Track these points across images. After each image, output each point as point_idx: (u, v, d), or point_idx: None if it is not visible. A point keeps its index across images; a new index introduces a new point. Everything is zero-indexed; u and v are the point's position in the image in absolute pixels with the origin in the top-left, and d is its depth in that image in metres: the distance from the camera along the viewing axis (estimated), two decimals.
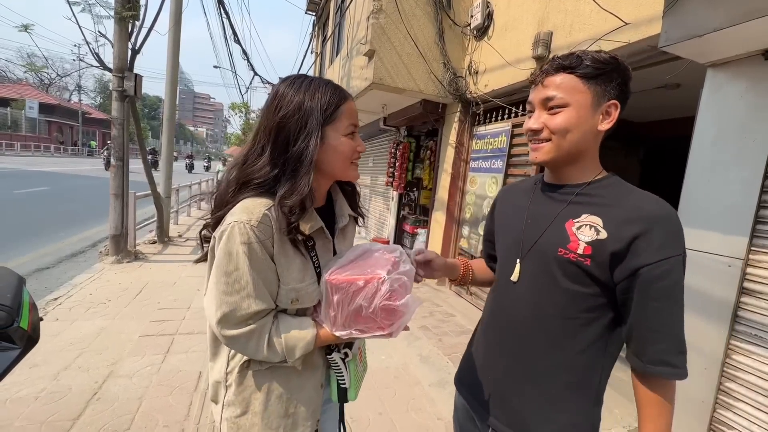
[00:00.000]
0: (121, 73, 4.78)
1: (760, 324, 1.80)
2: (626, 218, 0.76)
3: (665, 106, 4.26)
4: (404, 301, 0.82)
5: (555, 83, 0.82)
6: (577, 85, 0.80)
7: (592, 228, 0.79)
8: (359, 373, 1.06)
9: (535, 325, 0.86)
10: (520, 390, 0.88)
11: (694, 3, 1.74)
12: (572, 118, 0.81)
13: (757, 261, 1.82)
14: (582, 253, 0.79)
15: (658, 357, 0.75)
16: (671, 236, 0.74)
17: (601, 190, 0.84)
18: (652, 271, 0.73)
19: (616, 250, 0.75)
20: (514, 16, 3.86)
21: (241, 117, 24.17)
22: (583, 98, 0.81)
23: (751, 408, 1.82)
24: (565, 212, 0.85)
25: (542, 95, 0.84)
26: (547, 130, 0.83)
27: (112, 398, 2.25)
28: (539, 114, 0.85)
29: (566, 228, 0.83)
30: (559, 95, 0.81)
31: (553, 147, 0.84)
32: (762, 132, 1.79)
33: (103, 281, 4.26)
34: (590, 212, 0.81)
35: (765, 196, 1.80)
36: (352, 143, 0.91)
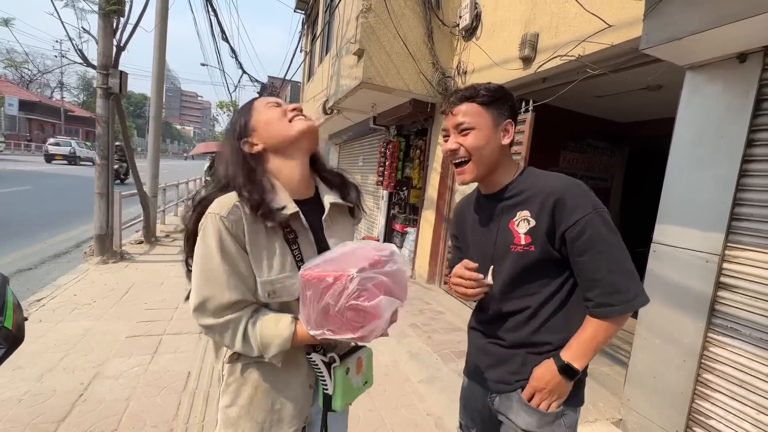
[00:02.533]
0: (105, 70, 4.69)
1: (735, 317, 1.87)
2: (541, 200, 0.96)
3: (648, 106, 4.37)
4: (375, 303, 0.75)
5: (462, 111, 1.01)
6: (479, 110, 1.01)
7: (525, 221, 0.98)
8: (353, 385, 0.97)
9: (507, 308, 1.05)
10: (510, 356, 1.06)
11: (673, 7, 1.80)
12: (480, 138, 1.00)
13: (733, 256, 1.88)
14: (524, 243, 0.98)
15: (597, 301, 0.93)
16: (576, 201, 0.92)
17: (521, 185, 1.03)
18: (571, 232, 0.92)
19: (545, 228, 0.95)
20: (501, 18, 3.91)
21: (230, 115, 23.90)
22: (484, 121, 1.01)
23: (727, 398, 1.88)
24: (505, 216, 1.03)
25: (454, 122, 1.03)
26: (464, 149, 1.01)
27: (99, 399, 2.22)
28: (454, 137, 1.03)
29: (510, 228, 1.01)
30: (467, 120, 1.00)
31: (473, 166, 1.02)
32: (737, 132, 1.86)
33: (88, 282, 4.18)
34: (521, 208, 1.00)
35: (740, 194, 1.87)
36: (278, 108, 0.96)
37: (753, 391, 1.79)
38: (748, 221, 1.84)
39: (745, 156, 1.85)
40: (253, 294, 0.87)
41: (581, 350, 0.94)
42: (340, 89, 5.63)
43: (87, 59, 4.99)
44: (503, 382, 1.06)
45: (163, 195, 7.92)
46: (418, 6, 4.59)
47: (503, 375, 1.06)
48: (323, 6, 8.39)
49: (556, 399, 0.97)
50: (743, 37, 1.71)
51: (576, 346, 0.94)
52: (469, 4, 4.32)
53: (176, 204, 9.34)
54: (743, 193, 1.86)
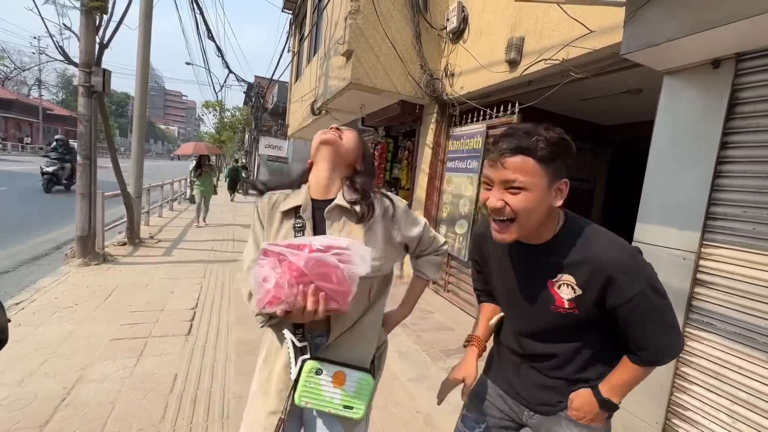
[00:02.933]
0: (88, 68, 4.59)
1: (711, 312, 1.95)
2: (591, 272, 0.90)
3: (630, 109, 4.49)
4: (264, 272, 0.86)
5: (514, 166, 0.86)
6: (535, 169, 0.86)
7: (569, 287, 0.93)
8: (321, 392, 0.96)
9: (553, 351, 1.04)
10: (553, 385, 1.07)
11: (652, 14, 1.87)
12: (531, 201, 0.87)
13: (709, 254, 1.96)
14: (568, 307, 0.95)
15: (645, 358, 0.95)
16: (630, 278, 0.88)
17: (564, 244, 0.95)
18: (625, 307, 0.90)
19: (593, 299, 0.92)
20: (488, 21, 3.98)
21: (215, 116, 23.57)
22: (540, 181, 0.87)
23: (704, 390, 1.96)
24: (543, 275, 0.98)
25: (503, 177, 0.87)
26: (509, 209, 0.88)
27: (82, 403, 2.18)
28: (500, 192, 0.89)
29: (549, 288, 0.97)
30: (520, 179, 0.86)
31: (518, 227, 0.91)
32: (712, 135, 1.94)
33: (69, 284, 4.08)
34: (565, 272, 0.94)
35: (715, 194, 1.95)
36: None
37: (727, 382, 1.87)
38: (723, 220, 1.92)
39: (720, 157, 1.93)
40: None
41: (622, 389, 0.97)
42: (328, 90, 5.63)
43: (68, 56, 4.88)
44: (547, 404, 1.07)
45: (148, 196, 7.77)
46: (406, 8, 4.63)
47: (547, 398, 1.07)
48: (311, 6, 8.37)
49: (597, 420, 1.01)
50: (717, 44, 1.79)
51: (616, 384, 0.97)
52: (456, 7, 4.38)
53: (161, 205, 9.17)
54: (718, 193, 1.94)
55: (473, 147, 4.28)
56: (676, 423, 2.06)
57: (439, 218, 4.94)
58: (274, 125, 22.32)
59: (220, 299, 4.06)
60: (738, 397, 1.82)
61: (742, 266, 1.84)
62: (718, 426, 1.89)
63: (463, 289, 4.39)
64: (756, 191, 1.81)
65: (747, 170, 1.85)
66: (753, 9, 1.52)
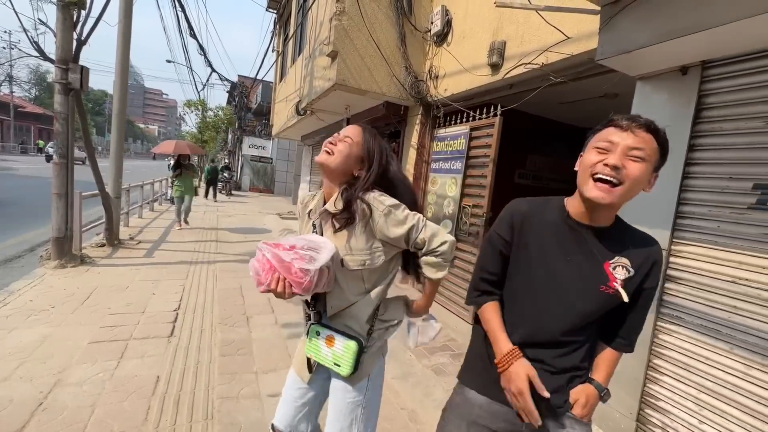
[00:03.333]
0: (65, 64, 4.47)
1: (681, 306, 2.05)
2: (643, 260, 1.04)
3: (607, 113, 4.63)
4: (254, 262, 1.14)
5: (644, 137, 0.94)
6: (655, 149, 0.95)
7: (624, 268, 1.02)
8: (319, 348, 1.26)
9: (573, 339, 1.09)
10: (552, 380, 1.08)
11: (624, 22, 1.96)
12: (644, 173, 0.95)
13: (678, 251, 2.07)
14: (618, 288, 1.02)
15: (629, 342, 1.12)
16: (661, 265, 1.07)
17: (621, 232, 1.07)
18: (650, 291, 1.07)
19: (639, 282, 1.04)
20: (470, 25, 4.06)
21: (198, 115, 23.13)
22: (654, 160, 0.96)
23: (674, 381, 2.06)
24: (601, 255, 1.04)
25: (631, 143, 0.94)
26: (625, 173, 0.94)
27: (61, 407, 2.13)
28: (621, 156, 0.95)
29: (605, 268, 1.03)
30: (646, 149, 0.94)
31: (622, 192, 0.95)
32: (681, 137, 2.05)
33: (45, 287, 3.96)
34: (620, 254, 1.03)
35: (684, 193, 2.05)
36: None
37: (695, 372, 1.97)
38: (691, 218, 2.02)
39: (688, 159, 2.04)
40: None
41: (609, 378, 1.13)
42: (313, 90, 5.63)
43: (44, 52, 4.74)
44: (554, 406, 1.07)
45: (127, 196, 7.59)
46: (391, 11, 4.68)
47: (554, 400, 1.06)
48: (296, 6, 8.34)
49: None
50: (684, 52, 1.89)
51: (606, 374, 1.11)
52: (440, 10, 4.45)
53: (141, 206, 8.96)
54: (686, 193, 2.05)
55: (457, 148, 4.35)
56: (649, 413, 2.15)
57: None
58: (258, 125, 22.07)
59: (203, 300, 4.01)
60: (704, 386, 1.93)
61: (708, 262, 1.94)
62: (686, 414, 1.99)
63: (447, 288, 4.45)
64: (720, 191, 1.91)
65: (712, 171, 1.96)
66: (716, 20, 1.61)
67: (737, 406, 1.81)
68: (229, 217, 10.60)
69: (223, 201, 14.72)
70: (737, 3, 1.54)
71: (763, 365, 1.73)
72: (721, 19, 1.60)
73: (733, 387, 1.83)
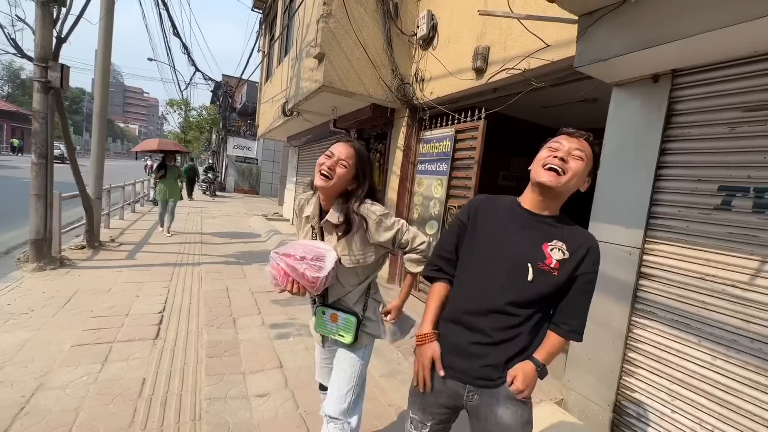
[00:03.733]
0: (44, 62, 4.37)
1: (653, 302, 2.16)
2: (579, 246, 1.19)
3: (587, 117, 4.80)
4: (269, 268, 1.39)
5: (583, 145, 1.19)
6: (591, 154, 1.20)
7: (560, 251, 1.18)
8: (326, 324, 1.57)
9: (508, 311, 1.19)
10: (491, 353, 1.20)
11: (600, 32, 2.06)
12: (582, 170, 1.18)
13: (651, 249, 2.18)
14: (553, 266, 1.17)
15: (572, 328, 1.21)
16: (597, 258, 1.20)
17: (562, 225, 1.23)
18: (586, 278, 1.19)
19: (573, 266, 1.17)
20: (455, 30, 4.15)
21: (181, 114, 22.70)
22: (588, 164, 1.20)
23: (648, 373, 2.17)
24: (541, 237, 1.20)
25: (575, 146, 1.18)
26: (568, 166, 1.17)
27: (44, 411, 2.10)
28: (566, 153, 1.18)
29: (543, 248, 1.19)
30: (585, 154, 1.18)
31: (564, 181, 1.16)
32: (653, 141, 2.16)
33: (22, 290, 3.86)
34: (557, 239, 1.19)
35: (656, 195, 2.16)
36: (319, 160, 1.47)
37: (667, 364, 2.08)
38: (662, 218, 2.14)
39: (659, 162, 2.15)
40: None
41: (551, 356, 1.21)
42: (300, 92, 5.63)
43: (21, 50, 4.62)
44: (486, 378, 1.19)
45: (108, 197, 7.42)
46: (378, 14, 4.73)
47: (487, 372, 1.19)
48: (282, 7, 8.31)
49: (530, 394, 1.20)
50: (655, 61, 2.00)
51: (546, 354, 1.20)
52: (426, 15, 4.53)
53: (122, 207, 8.76)
54: (658, 195, 2.16)
55: (443, 150, 4.43)
56: (625, 404, 2.26)
57: (410, 219, 5.06)
58: (243, 125, 21.81)
59: (189, 302, 3.97)
60: (675, 377, 2.04)
61: (679, 260, 2.05)
62: (659, 404, 2.10)
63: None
64: (689, 193, 2.03)
65: (682, 174, 2.07)
66: (683, 32, 1.72)
67: (704, 395, 1.92)
68: (213, 218, 10.46)
69: (206, 201, 14.49)
70: (702, 17, 1.65)
71: (726, 356, 1.85)
72: (688, 31, 1.71)
73: (701, 377, 1.94)
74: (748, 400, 1.78)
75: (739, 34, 1.62)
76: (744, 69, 1.84)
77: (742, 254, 1.82)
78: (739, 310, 1.82)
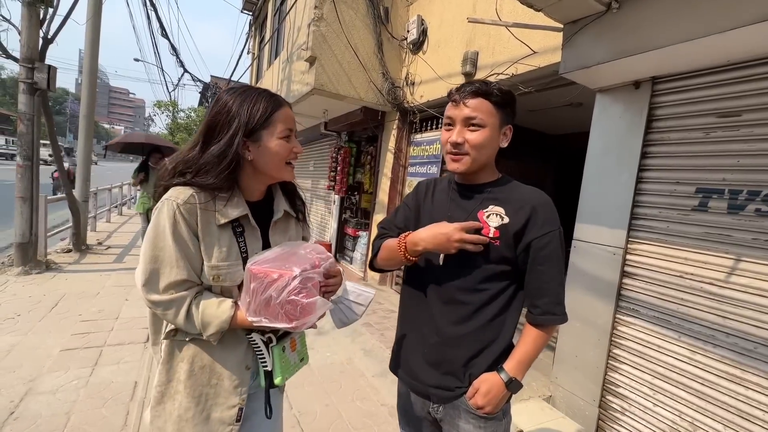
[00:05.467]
0: (30, 63, 4.31)
1: (636, 300, 2.24)
2: (520, 207, 1.02)
3: (572, 121, 4.93)
4: (311, 301, 0.89)
5: (475, 105, 1.00)
6: (490, 110, 1.01)
7: (497, 216, 1.02)
8: (290, 362, 1.10)
9: (457, 299, 1.05)
10: (448, 355, 1.06)
11: (583, 40, 2.14)
12: (487, 138, 1.01)
13: (633, 249, 2.26)
14: (492, 236, 1.01)
15: (544, 309, 1.01)
16: (549, 216, 1.01)
17: (500, 188, 1.08)
18: (539, 242, 0.99)
19: (516, 230, 1.00)
20: (445, 35, 4.22)
21: (168, 116, 22.45)
22: (494, 121, 1.02)
23: (631, 368, 2.25)
24: (476, 207, 1.06)
25: (464, 114, 1.01)
26: (468, 145, 1.02)
27: (34, 416, 2.08)
28: (461, 129, 1.02)
29: (479, 217, 1.04)
30: (480, 117, 1.00)
31: (470, 160, 1.03)
32: (635, 145, 2.25)
33: (8, 295, 3.79)
34: (495, 204, 1.05)
35: (638, 197, 2.25)
36: (288, 145, 1.03)
37: (649, 360, 2.16)
38: (644, 219, 2.22)
39: (641, 165, 2.24)
40: (198, 276, 0.96)
41: (524, 363, 1.02)
42: (291, 94, 5.65)
43: (6, 50, 4.54)
44: (443, 388, 1.06)
45: (95, 200, 7.31)
46: (369, 18, 4.79)
47: (443, 380, 1.06)
48: (272, 9, 8.32)
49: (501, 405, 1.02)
50: (635, 68, 2.08)
51: (519, 360, 1.01)
52: (416, 20, 4.60)
53: (109, 209, 8.63)
54: (640, 196, 2.25)
55: (433, 153, 4.50)
56: (610, 399, 2.33)
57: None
58: None
59: None
60: (657, 372, 2.12)
61: (659, 259, 2.14)
62: (643, 398, 2.17)
63: None
64: (669, 194, 2.12)
65: (661, 176, 2.16)
66: (662, 41, 1.80)
67: (684, 389, 2.01)
68: None
69: None
70: (678, 27, 1.74)
71: (705, 350, 1.93)
72: (665, 41, 1.79)
73: (681, 371, 2.02)
74: (725, 392, 1.86)
75: (712, 44, 1.71)
76: (718, 77, 1.94)
77: (718, 253, 1.91)
78: (715, 306, 1.90)
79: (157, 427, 1.00)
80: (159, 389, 1.00)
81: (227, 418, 1.02)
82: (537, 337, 1.03)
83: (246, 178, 1.04)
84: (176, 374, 1.00)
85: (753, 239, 1.79)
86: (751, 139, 1.83)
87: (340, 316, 1.03)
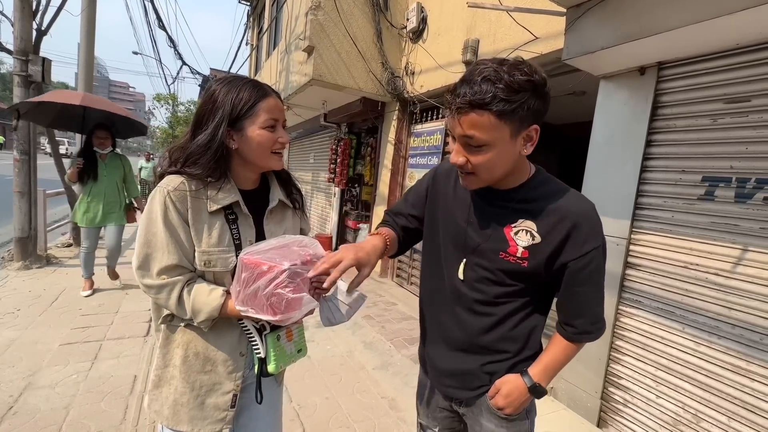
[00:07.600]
0: (24, 55, 4.25)
1: (639, 291, 2.20)
2: (557, 221, 0.86)
3: (576, 110, 4.84)
4: (297, 296, 0.87)
5: (470, 122, 0.78)
6: (494, 123, 0.77)
7: (528, 233, 0.88)
8: (285, 351, 1.09)
9: (478, 310, 0.98)
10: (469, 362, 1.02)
11: (587, 24, 2.07)
12: (493, 158, 0.82)
13: (637, 240, 2.22)
14: (520, 256, 0.89)
15: (580, 329, 0.94)
16: (591, 232, 0.86)
17: (532, 192, 0.91)
18: (577, 264, 0.87)
19: (550, 252, 0.87)
20: (445, 23, 4.13)
21: (168, 109, 22.33)
22: (501, 136, 0.79)
23: (634, 360, 2.22)
24: (503, 219, 0.92)
25: (460, 133, 0.81)
26: (471, 166, 0.84)
27: (33, 410, 2.08)
28: (459, 149, 0.85)
29: (505, 233, 0.91)
30: (477, 135, 0.78)
31: (480, 180, 0.88)
32: (639, 133, 2.19)
33: (8, 289, 3.79)
34: (525, 217, 0.90)
35: (642, 186, 2.20)
36: (272, 135, 1.00)
37: (652, 351, 2.13)
38: (648, 209, 2.18)
39: (646, 154, 2.18)
40: (190, 262, 0.97)
41: (551, 370, 0.95)
42: (289, 85, 5.57)
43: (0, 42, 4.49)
44: (464, 388, 1.03)
45: None
46: (367, 6, 4.69)
47: (463, 381, 1.03)
48: None
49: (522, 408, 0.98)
50: (641, 53, 2.02)
51: (546, 367, 0.95)
52: (415, 7, 4.51)
53: None
54: (644, 186, 2.20)
55: (433, 144, 4.44)
56: (612, 391, 2.31)
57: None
58: None
59: None
60: (660, 363, 2.09)
61: (664, 250, 2.10)
62: (645, 390, 2.15)
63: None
64: (674, 183, 2.07)
65: (667, 165, 2.11)
66: (668, 24, 1.74)
67: (688, 380, 1.98)
68: None
69: None
70: (685, 9, 1.67)
71: (709, 341, 1.90)
72: (671, 24, 1.73)
73: (684, 363, 1.99)
74: (729, 383, 1.84)
75: (720, 26, 1.65)
76: (726, 61, 1.87)
77: (724, 243, 1.86)
78: (721, 297, 1.87)
79: (154, 410, 1.04)
80: (156, 373, 1.03)
81: (222, 403, 1.05)
82: (567, 347, 0.96)
83: (236, 167, 1.04)
84: (172, 359, 1.02)
85: (761, 228, 1.74)
86: (760, 126, 1.77)
87: (329, 314, 0.98)
